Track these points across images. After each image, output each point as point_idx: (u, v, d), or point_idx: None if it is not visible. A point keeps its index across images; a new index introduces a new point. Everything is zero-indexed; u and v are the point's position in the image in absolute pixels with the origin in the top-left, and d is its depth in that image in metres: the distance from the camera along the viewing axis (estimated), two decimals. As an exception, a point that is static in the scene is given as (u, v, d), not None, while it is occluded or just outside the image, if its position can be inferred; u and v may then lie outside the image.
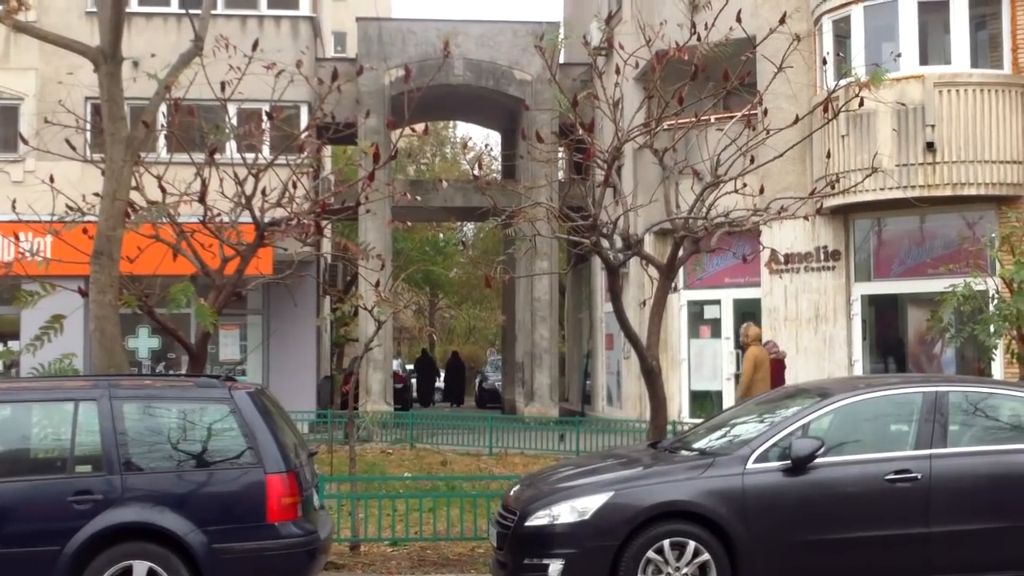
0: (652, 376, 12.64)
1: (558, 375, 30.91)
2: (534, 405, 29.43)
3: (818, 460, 9.44)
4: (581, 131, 12.12)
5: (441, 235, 49.52)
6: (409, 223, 13.48)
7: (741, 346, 19.48)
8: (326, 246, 27.88)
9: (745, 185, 12.82)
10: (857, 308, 21.49)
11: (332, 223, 24.35)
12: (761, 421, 10.19)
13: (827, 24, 21.40)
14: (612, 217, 12.74)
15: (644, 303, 15.74)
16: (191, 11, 14.38)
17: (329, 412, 23.24)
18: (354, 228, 30.29)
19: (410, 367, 45.88)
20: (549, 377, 29.68)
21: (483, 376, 43.92)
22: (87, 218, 12.65)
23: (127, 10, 14.32)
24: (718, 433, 10.57)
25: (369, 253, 13.26)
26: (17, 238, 14.36)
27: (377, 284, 12.67)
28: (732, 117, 13.78)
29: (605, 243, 12.56)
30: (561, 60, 28.87)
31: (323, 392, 29.74)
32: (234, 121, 14.03)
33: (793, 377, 20.82)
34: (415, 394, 41.71)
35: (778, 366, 19.35)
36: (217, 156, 12.50)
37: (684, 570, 9.26)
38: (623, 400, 26.64)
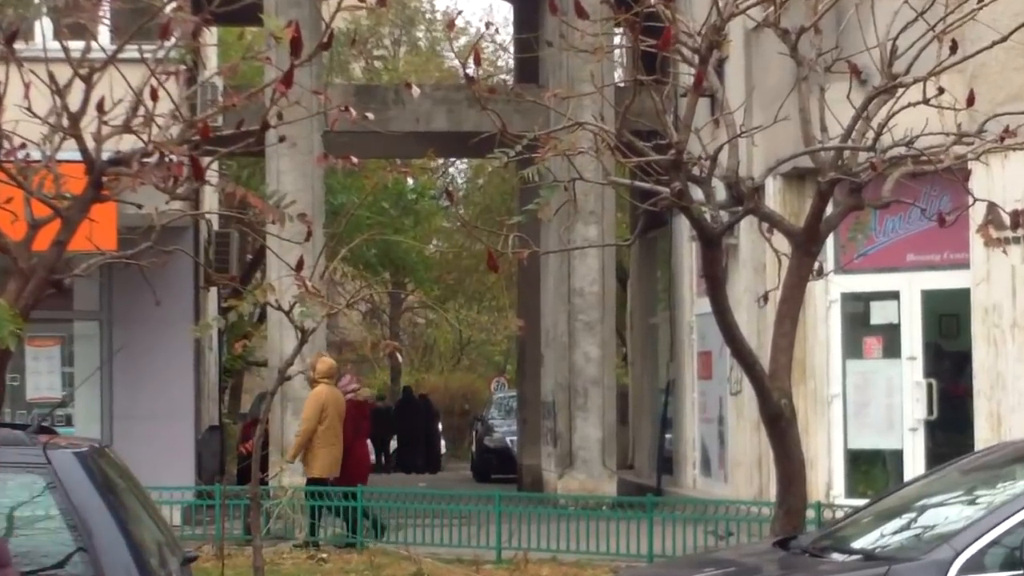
0: (780, 425, 10.49)
1: (615, 424, 25.66)
2: (574, 476, 24.24)
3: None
4: (654, -2, 10.41)
5: (410, 180, 39.14)
6: (355, 160, 11.08)
7: (308, 382, 18.95)
8: (210, 201, 25.12)
9: (942, 92, 10.45)
10: None
11: (220, 161, 21.90)
12: (970, 502, 8.95)
13: None
14: (709, 148, 10.34)
15: (765, 298, 13.20)
16: None
17: (218, 488, 20.22)
18: (259, 170, 26.92)
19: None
20: (600, 427, 24.37)
21: (485, 425, 36.10)
22: None
23: None
24: (894, 523, 9.08)
25: (285, 212, 10.71)
26: None
27: (299, 265, 10.40)
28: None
29: (697, 193, 10.36)
30: None
31: (207, 454, 25.83)
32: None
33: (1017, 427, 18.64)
34: (391, 453, 36.54)
35: (358, 410, 19.40)
36: (18, 45, 10.14)
37: None
38: (729, 467, 22.53)
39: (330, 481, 18.78)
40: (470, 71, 10.88)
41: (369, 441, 35.69)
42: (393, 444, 36.20)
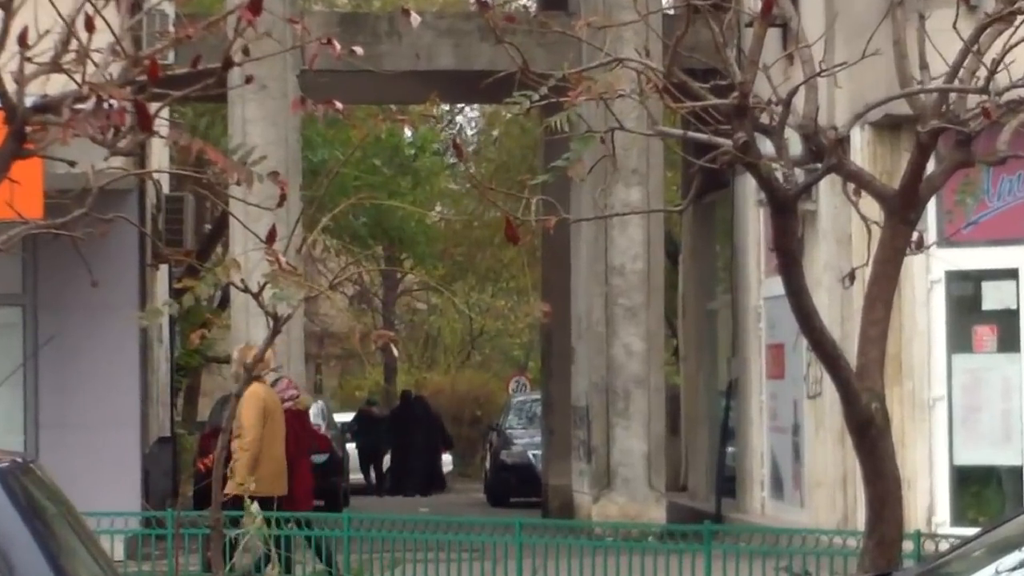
0: (871, 435, 9.78)
1: (663, 434, 23.89)
2: (613, 499, 22.63)
3: None
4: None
5: (408, 132, 34.70)
6: (339, 106, 8.69)
7: (235, 380, 17.72)
8: (159, 157, 24.03)
9: (1072, 23, 10.10)
10: None
11: (172, 107, 20.39)
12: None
13: None
14: (781, 91, 9.55)
15: (851, 277, 12.07)
16: None
17: (170, 514, 18.89)
18: (220, 118, 25.03)
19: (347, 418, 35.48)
20: (645, 439, 22.77)
21: (501, 436, 32.07)
22: None
23: None
24: (1012, 557, 7.99)
25: (252, 170, 8.70)
26: None
27: (271, 237, 8.71)
28: None
29: (766, 146, 9.57)
30: None
31: (156, 471, 24.29)
32: None
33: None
34: (384, 472, 34.51)
35: (299, 422, 17.64)
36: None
37: None
38: (806, 488, 21.13)
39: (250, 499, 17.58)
40: (482, -6, 10.14)
41: (357, 455, 33.82)
42: (387, 460, 34.36)
